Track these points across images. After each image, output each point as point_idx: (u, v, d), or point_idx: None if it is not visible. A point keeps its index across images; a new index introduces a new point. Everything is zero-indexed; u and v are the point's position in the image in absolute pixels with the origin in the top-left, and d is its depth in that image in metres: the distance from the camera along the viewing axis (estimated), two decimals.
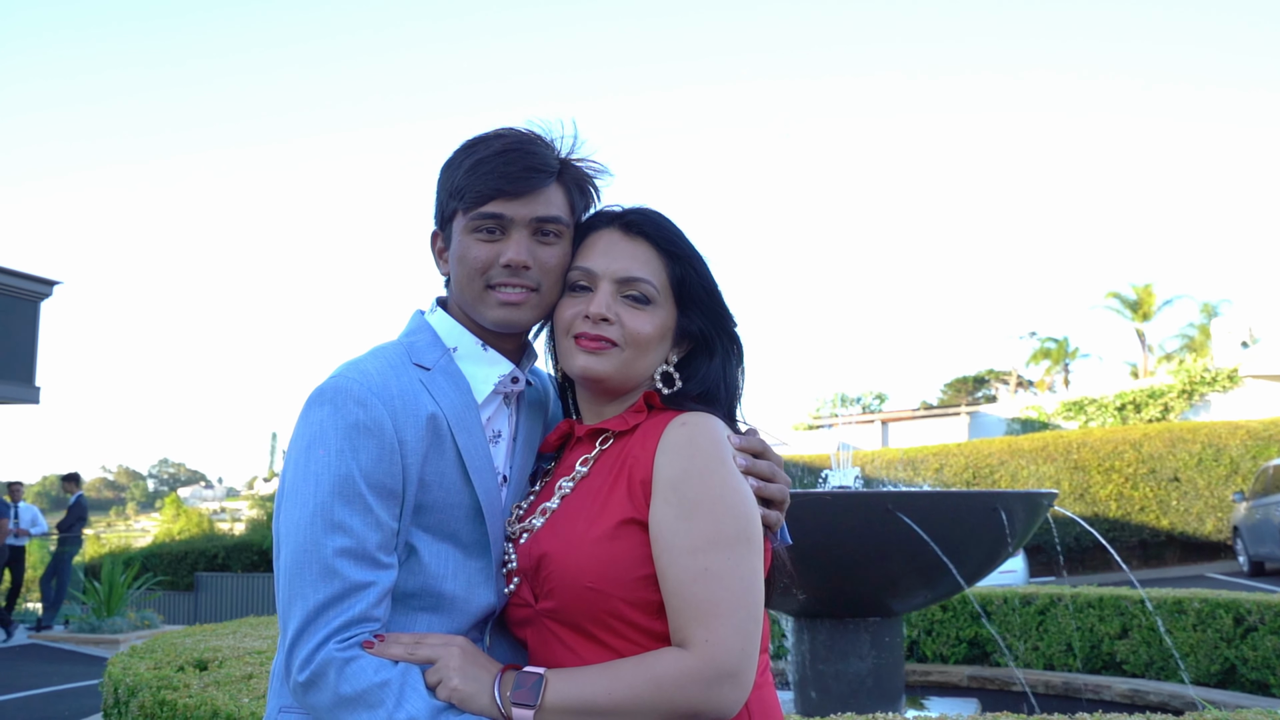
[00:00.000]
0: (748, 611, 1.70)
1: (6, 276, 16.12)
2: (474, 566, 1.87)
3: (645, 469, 1.77)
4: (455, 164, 1.94)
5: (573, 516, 1.81)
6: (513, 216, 1.87)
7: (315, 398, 1.80)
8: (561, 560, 1.77)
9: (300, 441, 1.79)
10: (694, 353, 1.96)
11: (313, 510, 1.73)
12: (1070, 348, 53.29)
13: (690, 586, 1.68)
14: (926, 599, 5.84)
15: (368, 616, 1.72)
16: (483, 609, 1.87)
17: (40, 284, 16.77)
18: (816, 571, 5.49)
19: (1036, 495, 5.57)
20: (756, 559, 1.74)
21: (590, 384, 1.91)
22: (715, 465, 1.75)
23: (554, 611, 1.79)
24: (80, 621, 15.63)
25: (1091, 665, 7.95)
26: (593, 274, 1.89)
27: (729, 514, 1.72)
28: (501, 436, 1.97)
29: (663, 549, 1.71)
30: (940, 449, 22.95)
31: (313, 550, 1.71)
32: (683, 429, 1.79)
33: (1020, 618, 8.20)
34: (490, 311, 1.90)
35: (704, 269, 1.95)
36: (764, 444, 1.87)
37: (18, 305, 16.45)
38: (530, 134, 1.96)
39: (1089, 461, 21.17)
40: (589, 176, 2.01)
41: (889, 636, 5.75)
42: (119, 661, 5.10)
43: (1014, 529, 5.31)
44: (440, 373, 1.89)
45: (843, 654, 5.68)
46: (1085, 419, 28.52)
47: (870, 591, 5.56)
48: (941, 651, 8.41)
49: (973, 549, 5.33)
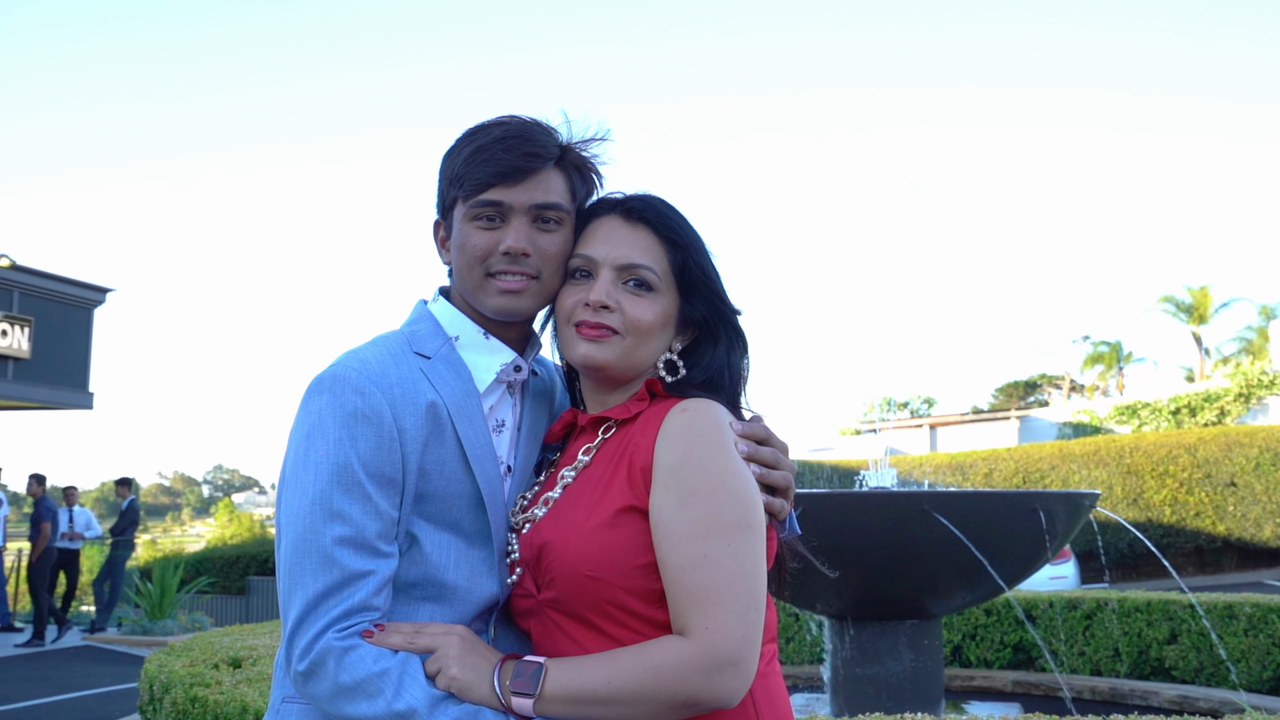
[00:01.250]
0: (749, 599, 1.67)
1: (60, 284, 16.44)
2: (477, 556, 1.86)
3: (645, 456, 1.75)
4: (456, 152, 1.93)
5: (573, 505, 1.80)
6: (512, 204, 1.86)
7: (314, 387, 1.80)
8: (561, 549, 1.75)
9: (300, 431, 1.78)
10: (698, 340, 1.94)
11: (312, 499, 1.72)
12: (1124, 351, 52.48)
13: (690, 574, 1.66)
14: (965, 601, 5.76)
15: (367, 605, 1.71)
16: (486, 599, 1.86)
17: (94, 291, 17.08)
18: (852, 573, 5.43)
19: (1077, 496, 5.48)
20: (758, 546, 1.71)
21: (592, 372, 1.89)
22: (715, 451, 1.72)
23: (556, 601, 1.77)
24: (132, 624, 15.89)
25: (1139, 671, 7.80)
26: (593, 261, 1.87)
27: (729, 500, 1.70)
28: (505, 426, 1.96)
29: (662, 536, 1.69)
30: (989, 453, 22.66)
31: (312, 539, 1.71)
32: (683, 415, 1.76)
33: (1066, 622, 8.06)
34: (490, 300, 1.89)
35: (705, 257, 1.93)
36: (768, 430, 1.85)
37: (72, 312, 16.77)
38: (532, 121, 1.94)
39: (1142, 466, 20.79)
40: (591, 163, 1.99)
41: (927, 639, 5.67)
42: (156, 659, 5.16)
43: (1054, 530, 5.22)
44: (441, 361, 1.89)
45: (880, 657, 5.61)
46: (1139, 423, 28.04)
47: (907, 593, 5.49)
48: (985, 656, 8.28)
49: (1011, 550, 5.24)
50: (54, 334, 16.31)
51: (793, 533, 2.02)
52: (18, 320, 15.62)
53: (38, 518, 15.88)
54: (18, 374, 15.75)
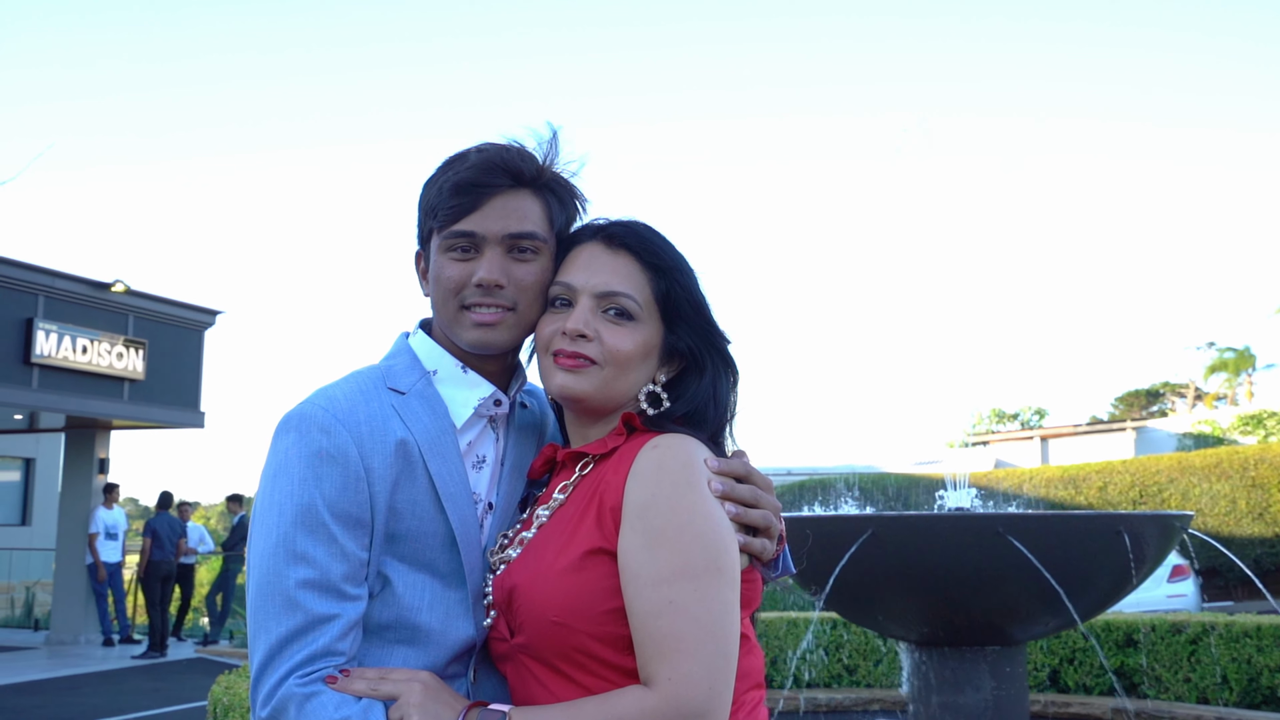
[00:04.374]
0: (717, 647, 1.58)
1: (173, 308, 17.04)
2: (453, 598, 1.81)
3: (616, 495, 1.68)
4: (432, 182, 1.89)
5: (544, 547, 1.74)
6: (484, 234, 1.81)
7: (281, 425, 1.77)
8: (529, 593, 1.69)
9: (268, 470, 1.76)
10: (685, 372, 1.86)
11: (275, 540, 1.69)
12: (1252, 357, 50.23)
13: (654, 620, 1.58)
14: (1051, 626, 5.51)
15: (331, 650, 1.68)
16: (461, 642, 1.81)
17: (204, 314, 17.66)
18: (926, 597, 5.25)
19: (1167, 517, 5.20)
20: (729, 591, 1.62)
21: (570, 403, 1.83)
22: (684, 491, 1.64)
23: (526, 647, 1.71)
24: (244, 636, 16.32)
25: (1249, 700, 7.38)
26: (572, 289, 1.81)
27: (697, 542, 1.61)
28: (486, 461, 1.91)
29: (628, 580, 1.62)
30: (1104, 466, 21.87)
31: (275, 582, 1.68)
32: (653, 452, 1.69)
33: (1169, 647, 7.68)
34: (466, 333, 1.84)
35: (691, 283, 1.85)
36: (747, 467, 1.75)
37: (184, 335, 17.36)
38: (510, 147, 1.89)
39: (1268, 479, 19.82)
40: (573, 187, 1.93)
41: (1010, 666, 5.43)
42: (224, 680, 5.25)
43: (1141, 554, 4.95)
44: (416, 397, 1.84)
45: (959, 685, 5.40)
46: (1264, 434, 26.77)
47: (986, 619, 5.27)
48: (1084, 681, 7.95)
49: (1093, 576, 4.99)
50: (167, 356, 16.91)
51: (787, 572, 1.92)
52: (133, 343, 16.24)
53: (154, 533, 16.46)
54: (133, 395, 16.36)
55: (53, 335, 14.98)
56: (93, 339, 15.61)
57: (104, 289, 15.80)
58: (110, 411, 16.09)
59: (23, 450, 24.98)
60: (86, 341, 15.50)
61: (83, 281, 15.57)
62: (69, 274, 15.39)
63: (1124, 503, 20.64)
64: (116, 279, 15.87)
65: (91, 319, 15.69)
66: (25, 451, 25.10)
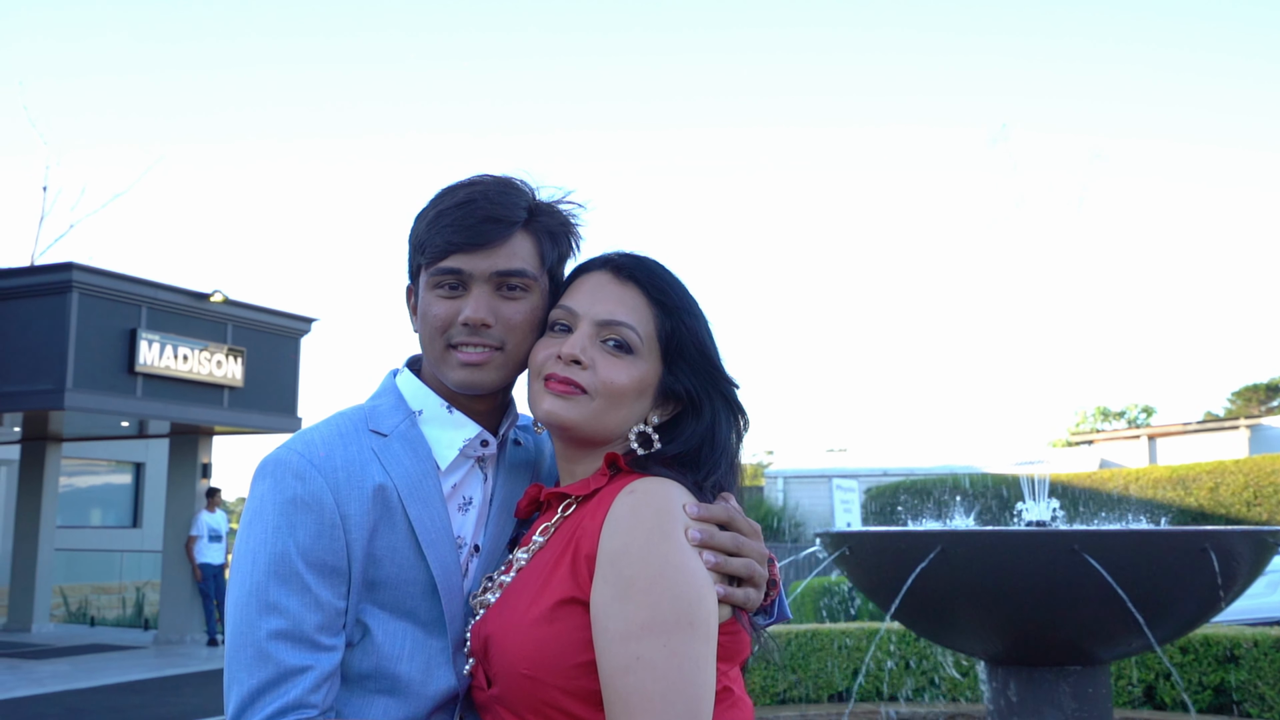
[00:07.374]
0: (686, 706, 1.49)
1: (270, 316, 17.45)
2: (434, 646, 1.76)
3: (591, 542, 1.60)
4: (423, 216, 1.84)
5: (519, 594, 1.67)
6: (472, 271, 1.76)
7: (259, 471, 1.74)
8: (501, 643, 1.63)
9: (245, 516, 1.74)
10: (681, 415, 1.78)
11: (248, 590, 1.66)
12: None
13: (621, 677, 1.50)
14: (1135, 646, 5.26)
15: (303, 703, 1.63)
16: (443, 692, 1.75)
17: (300, 321, 18.05)
18: (1001, 616, 5.06)
19: (1260, 534, 4.91)
20: (702, 645, 1.53)
21: (556, 432, 1.76)
22: (657, 540, 1.56)
23: (500, 698, 1.65)
24: None
25: None
26: (574, 314, 1.75)
27: (668, 594, 1.53)
28: (473, 503, 1.85)
29: (598, 633, 1.54)
30: (1215, 466, 20.97)
31: (248, 633, 1.65)
32: (629, 498, 1.61)
33: (1273, 663, 7.31)
34: (452, 373, 1.79)
35: (698, 325, 1.78)
36: (729, 513, 1.66)
37: (281, 342, 17.77)
38: (502, 181, 1.84)
39: None
40: (568, 223, 1.87)
41: (1093, 687, 5.20)
42: None
43: (1230, 574, 4.69)
44: (398, 439, 1.79)
45: (1039, 706, 5.19)
46: None
47: (1066, 638, 5.05)
48: (1181, 699, 7.60)
49: (1178, 597, 4.75)
50: (265, 363, 17.32)
51: (783, 618, 1.83)
52: (233, 351, 16.68)
53: None
54: (233, 402, 16.80)
55: (155, 345, 15.44)
56: (193, 348, 16.06)
57: (203, 299, 16.24)
58: (211, 418, 16.53)
59: (133, 455, 25.90)
60: (188, 350, 15.95)
61: (183, 292, 16.02)
62: (170, 285, 15.85)
63: (1237, 504, 19.80)
64: (215, 289, 16.29)
65: (192, 329, 16.14)
66: (135, 456, 26.03)
